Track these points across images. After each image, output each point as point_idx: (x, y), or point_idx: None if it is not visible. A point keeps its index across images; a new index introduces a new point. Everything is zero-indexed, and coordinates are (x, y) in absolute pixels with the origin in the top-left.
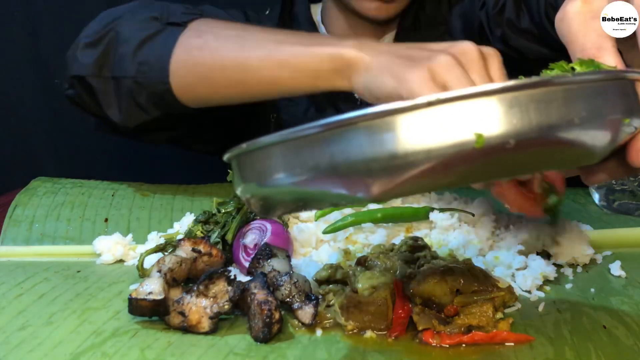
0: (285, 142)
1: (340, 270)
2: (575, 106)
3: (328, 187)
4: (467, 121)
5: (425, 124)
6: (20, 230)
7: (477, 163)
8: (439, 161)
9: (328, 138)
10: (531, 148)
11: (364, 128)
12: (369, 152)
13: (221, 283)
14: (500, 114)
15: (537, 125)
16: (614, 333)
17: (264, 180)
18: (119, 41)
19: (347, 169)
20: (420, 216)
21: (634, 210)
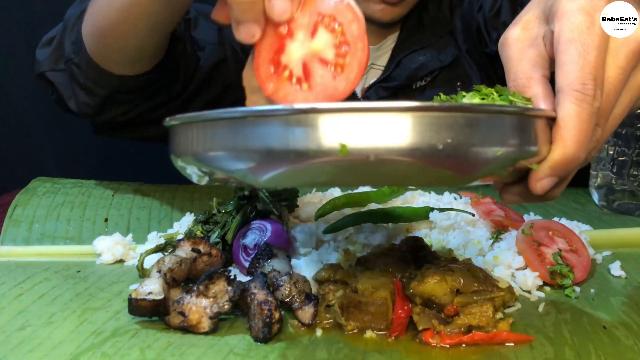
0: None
1: (340, 270)
2: (441, 133)
3: (228, 167)
4: (335, 132)
5: (298, 127)
6: (20, 230)
7: (344, 169)
8: (308, 163)
9: (231, 126)
10: (393, 165)
11: (252, 123)
12: (252, 144)
13: (221, 283)
14: (366, 129)
15: (397, 146)
16: (614, 333)
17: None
18: (65, 30)
19: (240, 153)
20: (420, 216)
21: (634, 210)
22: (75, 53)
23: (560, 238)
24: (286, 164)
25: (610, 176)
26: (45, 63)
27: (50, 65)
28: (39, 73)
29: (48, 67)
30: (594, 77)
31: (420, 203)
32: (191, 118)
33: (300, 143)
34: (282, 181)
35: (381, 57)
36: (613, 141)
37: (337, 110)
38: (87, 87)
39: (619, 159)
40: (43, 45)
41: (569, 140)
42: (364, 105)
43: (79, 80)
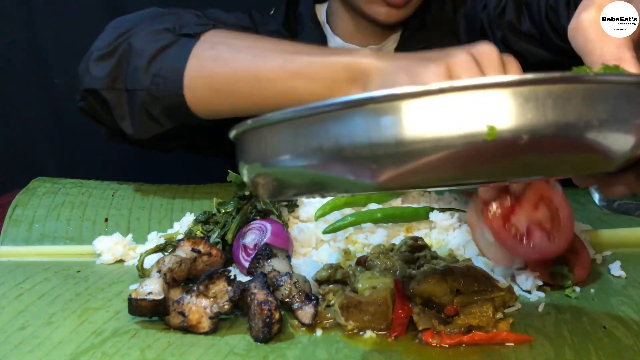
0: (290, 120)
1: (340, 270)
2: (596, 107)
3: (332, 171)
4: (480, 112)
5: (436, 111)
6: (20, 230)
7: (488, 158)
8: (447, 152)
9: (334, 119)
10: (545, 146)
11: (372, 111)
12: (375, 137)
13: (221, 283)
14: (515, 107)
15: (553, 122)
16: (614, 333)
17: (268, 160)
18: (132, 53)
19: (351, 153)
20: (420, 216)
21: (634, 210)
22: (157, 86)
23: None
24: (417, 157)
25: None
26: (102, 80)
27: (107, 83)
28: (91, 89)
29: (104, 86)
30: None
31: (420, 203)
32: (295, 113)
33: (436, 130)
34: (406, 181)
35: None
36: None
37: (481, 87)
38: (156, 118)
39: None
40: (97, 60)
41: None
42: (507, 79)
43: (148, 109)
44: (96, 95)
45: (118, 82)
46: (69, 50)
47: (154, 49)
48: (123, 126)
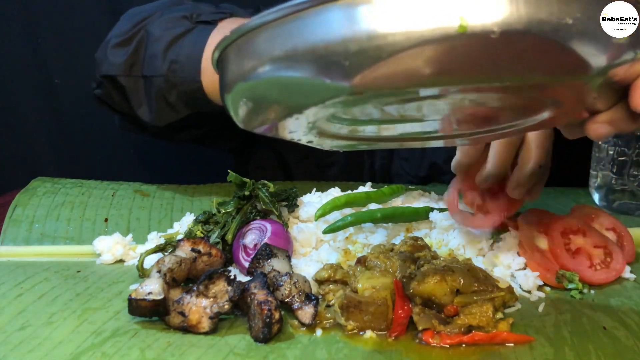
0: (265, 25)
1: (340, 270)
2: (571, 5)
3: (307, 73)
4: (452, 5)
5: (408, 4)
6: (20, 230)
7: (459, 54)
8: (419, 46)
9: (307, 17)
10: (517, 44)
11: (343, 5)
12: (347, 32)
13: (221, 283)
14: (488, 1)
15: (525, 17)
16: (614, 334)
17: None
18: (149, 40)
19: (324, 50)
20: (420, 216)
21: (634, 210)
22: (174, 72)
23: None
24: (390, 52)
25: (610, 176)
26: (120, 67)
27: (125, 70)
28: (108, 75)
29: (121, 72)
30: None
31: (420, 203)
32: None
33: (408, 23)
34: (380, 82)
35: None
36: (613, 141)
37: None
38: (173, 104)
39: (619, 159)
40: (115, 46)
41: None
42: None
43: (165, 96)
44: (113, 82)
45: (135, 68)
46: (69, 50)
47: (172, 35)
48: (140, 113)
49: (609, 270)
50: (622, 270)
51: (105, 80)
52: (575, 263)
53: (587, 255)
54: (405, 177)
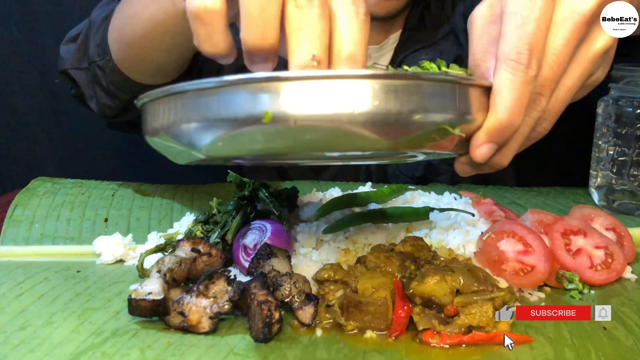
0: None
1: (340, 270)
2: (360, 99)
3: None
4: (259, 100)
5: (224, 100)
6: (20, 230)
7: (273, 136)
8: (238, 130)
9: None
10: (316, 131)
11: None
12: (180, 117)
13: (221, 283)
14: (289, 97)
15: (318, 112)
16: (614, 334)
17: (163, 129)
18: (90, 30)
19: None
20: (420, 216)
21: (634, 210)
22: (100, 56)
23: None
24: (218, 132)
25: (610, 176)
26: (69, 61)
27: (74, 63)
28: (62, 70)
29: (71, 65)
30: (530, 47)
31: (420, 203)
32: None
33: (231, 111)
34: (222, 148)
35: (383, 57)
36: (613, 141)
37: (262, 80)
38: (110, 91)
39: (619, 159)
40: (67, 41)
41: (501, 106)
42: (285, 74)
43: (101, 83)
44: (68, 77)
45: (83, 60)
46: None
47: (99, 19)
48: (91, 105)
49: (610, 270)
50: (623, 271)
51: (62, 76)
52: (576, 263)
53: (587, 255)
54: (401, 178)
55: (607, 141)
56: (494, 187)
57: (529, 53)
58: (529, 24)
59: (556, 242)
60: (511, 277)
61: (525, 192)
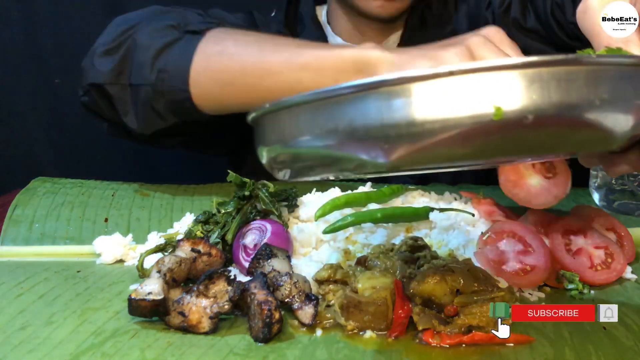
0: (307, 103)
1: (340, 270)
2: (597, 87)
3: (347, 150)
4: (487, 93)
5: (445, 93)
6: (20, 230)
7: (495, 137)
8: (456, 132)
9: (349, 101)
10: (549, 126)
11: (384, 94)
12: (386, 118)
13: (221, 283)
14: (521, 88)
15: (557, 102)
16: (614, 334)
17: (286, 141)
18: (136, 49)
19: (364, 134)
20: (420, 216)
21: (634, 210)
22: (162, 81)
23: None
24: (427, 137)
25: (610, 176)
26: (107, 75)
27: (112, 78)
28: (95, 84)
29: (108, 80)
30: None
31: (420, 203)
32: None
33: (445, 111)
34: (417, 158)
35: None
36: None
37: (489, 69)
38: (160, 113)
39: None
40: (102, 54)
41: None
42: (513, 61)
43: (152, 105)
44: (100, 90)
45: (122, 77)
46: (69, 50)
47: (160, 44)
48: (127, 121)
49: (610, 270)
50: (623, 271)
51: (92, 89)
52: (576, 263)
53: (587, 255)
54: (401, 178)
55: None
56: (494, 187)
57: None
58: None
59: (556, 242)
60: (511, 277)
61: None
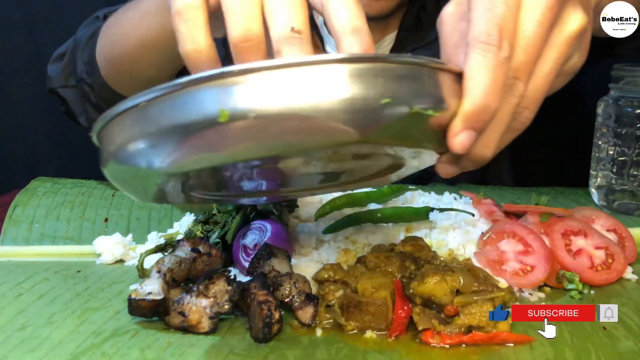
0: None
1: (340, 270)
2: (327, 85)
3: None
4: (213, 98)
5: (177, 102)
6: (20, 230)
7: (233, 138)
8: (192, 135)
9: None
10: (276, 126)
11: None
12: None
13: (221, 283)
14: (242, 91)
15: (277, 105)
16: (614, 334)
17: (115, 154)
18: (77, 48)
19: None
20: (420, 216)
21: (634, 210)
22: (88, 74)
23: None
24: (168, 140)
25: (610, 176)
26: (56, 79)
27: (61, 81)
28: (50, 89)
29: (59, 84)
30: (499, 29)
31: (420, 203)
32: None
33: (187, 115)
34: (189, 163)
35: None
36: (613, 141)
37: (214, 78)
38: (100, 106)
39: (619, 159)
40: (54, 60)
41: (475, 89)
42: (238, 67)
43: (91, 99)
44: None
45: (70, 78)
46: None
47: (85, 37)
48: (81, 121)
49: (610, 271)
50: (624, 271)
51: (51, 95)
52: (576, 264)
53: (588, 256)
54: None
55: (607, 141)
56: (494, 187)
57: (499, 34)
58: (497, 7)
59: (556, 242)
60: (511, 277)
61: (525, 192)
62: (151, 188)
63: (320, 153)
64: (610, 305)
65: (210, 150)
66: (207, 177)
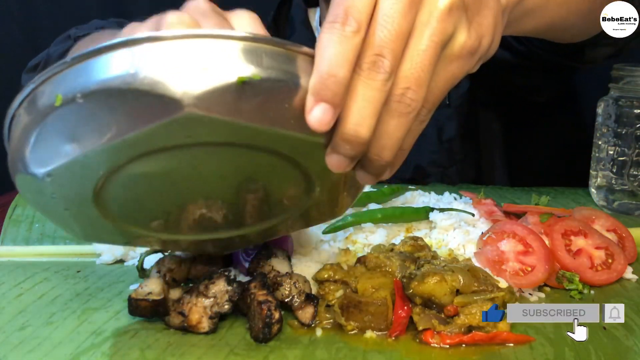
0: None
1: (340, 270)
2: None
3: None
4: (54, 87)
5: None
6: (20, 230)
7: (74, 121)
8: (46, 121)
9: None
10: (106, 103)
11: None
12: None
13: (221, 283)
14: (71, 77)
15: (93, 84)
16: (614, 334)
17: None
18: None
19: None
20: (420, 216)
21: (634, 210)
22: None
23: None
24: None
25: (610, 176)
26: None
27: None
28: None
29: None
30: (345, 8)
31: (420, 203)
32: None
33: (40, 104)
34: (49, 156)
35: None
36: (613, 141)
37: (55, 72)
38: None
39: (619, 159)
40: (28, 71)
41: (320, 61)
42: (68, 59)
43: None
44: None
45: None
46: None
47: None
48: None
49: (610, 271)
50: (624, 271)
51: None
52: (576, 264)
53: (588, 256)
54: (390, 180)
55: (607, 141)
56: (494, 187)
57: (344, 13)
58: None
59: (556, 242)
60: (511, 277)
61: (525, 192)
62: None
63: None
64: (616, 304)
65: (61, 138)
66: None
